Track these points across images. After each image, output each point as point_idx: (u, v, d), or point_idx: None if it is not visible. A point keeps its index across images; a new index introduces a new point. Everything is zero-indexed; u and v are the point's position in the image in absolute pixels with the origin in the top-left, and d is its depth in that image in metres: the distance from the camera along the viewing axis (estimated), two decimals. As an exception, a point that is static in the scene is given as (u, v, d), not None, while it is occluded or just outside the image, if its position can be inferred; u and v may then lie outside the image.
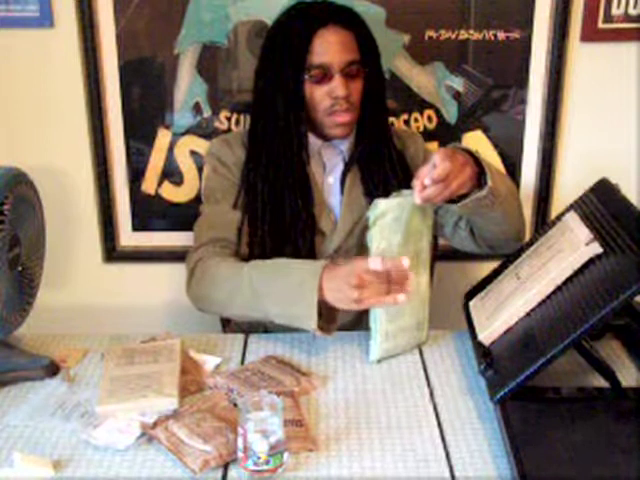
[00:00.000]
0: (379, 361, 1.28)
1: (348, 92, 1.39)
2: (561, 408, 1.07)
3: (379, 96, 1.48)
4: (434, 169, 1.18)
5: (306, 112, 1.42)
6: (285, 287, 1.25)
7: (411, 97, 1.78)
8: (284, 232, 1.43)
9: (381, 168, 1.48)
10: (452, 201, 1.27)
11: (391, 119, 1.72)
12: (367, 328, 1.29)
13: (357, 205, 1.48)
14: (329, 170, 1.49)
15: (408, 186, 1.23)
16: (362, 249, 1.46)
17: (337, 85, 1.38)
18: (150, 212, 1.88)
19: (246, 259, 1.40)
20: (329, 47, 1.37)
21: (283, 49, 1.40)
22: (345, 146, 1.48)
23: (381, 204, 1.21)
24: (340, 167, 1.49)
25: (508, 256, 1.37)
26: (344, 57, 1.38)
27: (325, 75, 1.38)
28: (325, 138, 1.46)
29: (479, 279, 1.40)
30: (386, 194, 1.28)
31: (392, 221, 1.21)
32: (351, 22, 1.41)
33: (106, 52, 1.74)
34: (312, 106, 1.41)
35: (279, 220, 1.43)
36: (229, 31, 1.73)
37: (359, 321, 1.48)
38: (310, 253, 1.43)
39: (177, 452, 1.02)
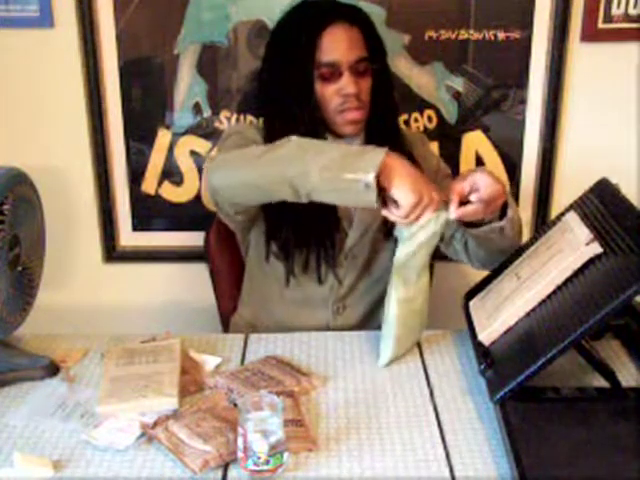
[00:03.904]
0: (387, 364, 1.27)
1: (358, 89, 1.38)
2: (561, 408, 1.07)
3: (387, 93, 1.48)
4: (477, 190, 1.19)
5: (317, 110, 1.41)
6: (343, 146, 1.21)
7: (411, 97, 1.78)
8: (307, 227, 1.41)
9: None
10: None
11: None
12: (375, 328, 1.28)
13: None
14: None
15: None
16: (377, 246, 1.47)
17: (347, 83, 1.38)
18: (150, 212, 1.88)
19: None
20: (338, 44, 1.37)
21: (291, 47, 1.39)
22: (356, 143, 1.47)
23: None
24: None
25: (508, 256, 1.37)
26: (353, 54, 1.38)
27: (334, 73, 1.38)
28: (336, 136, 1.46)
29: (479, 279, 1.40)
30: None
31: (426, 237, 1.20)
32: (358, 19, 1.41)
33: (106, 52, 1.74)
34: (322, 105, 1.41)
35: (301, 216, 1.40)
36: (229, 31, 1.73)
37: (366, 322, 1.49)
38: (331, 248, 1.43)
39: (177, 452, 1.02)
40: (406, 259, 1.20)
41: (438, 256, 1.67)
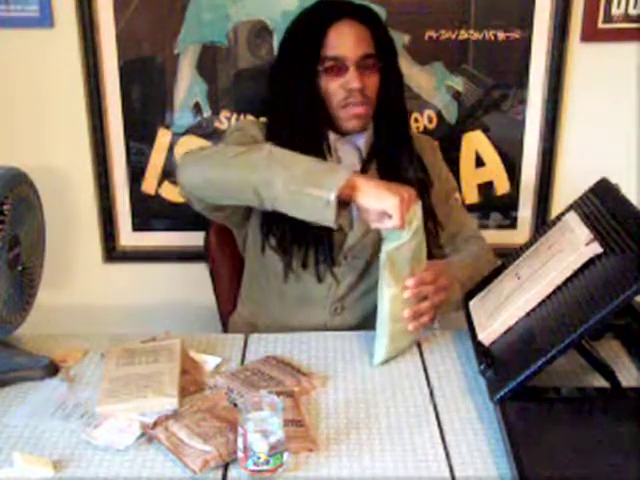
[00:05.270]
0: (381, 363, 1.27)
1: (362, 85, 1.39)
2: (561, 408, 1.07)
3: (396, 92, 1.47)
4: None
5: (322, 106, 1.42)
6: (313, 161, 1.22)
7: (411, 97, 1.78)
8: (303, 224, 1.41)
9: (400, 167, 1.46)
10: None
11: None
12: (372, 328, 1.28)
13: None
14: (345, 166, 1.47)
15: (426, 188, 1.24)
16: (378, 247, 1.46)
17: (351, 77, 1.38)
18: (150, 212, 1.88)
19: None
20: (344, 40, 1.38)
21: (299, 43, 1.41)
22: (362, 141, 1.46)
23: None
24: (357, 166, 1.46)
25: (508, 256, 1.37)
26: (359, 50, 1.38)
27: (340, 68, 1.39)
28: (341, 133, 1.45)
29: (479, 279, 1.40)
30: None
31: (410, 234, 1.21)
32: (367, 18, 1.42)
33: (106, 52, 1.74)
34: (327, 99, 1.41)
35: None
36: (229, 31, 1.74)
37: (365, 323, 1.48)
38: (329, 247, 1.43)
39: (177, 452, 1.02)
40: (392, 256, 1.21)
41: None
